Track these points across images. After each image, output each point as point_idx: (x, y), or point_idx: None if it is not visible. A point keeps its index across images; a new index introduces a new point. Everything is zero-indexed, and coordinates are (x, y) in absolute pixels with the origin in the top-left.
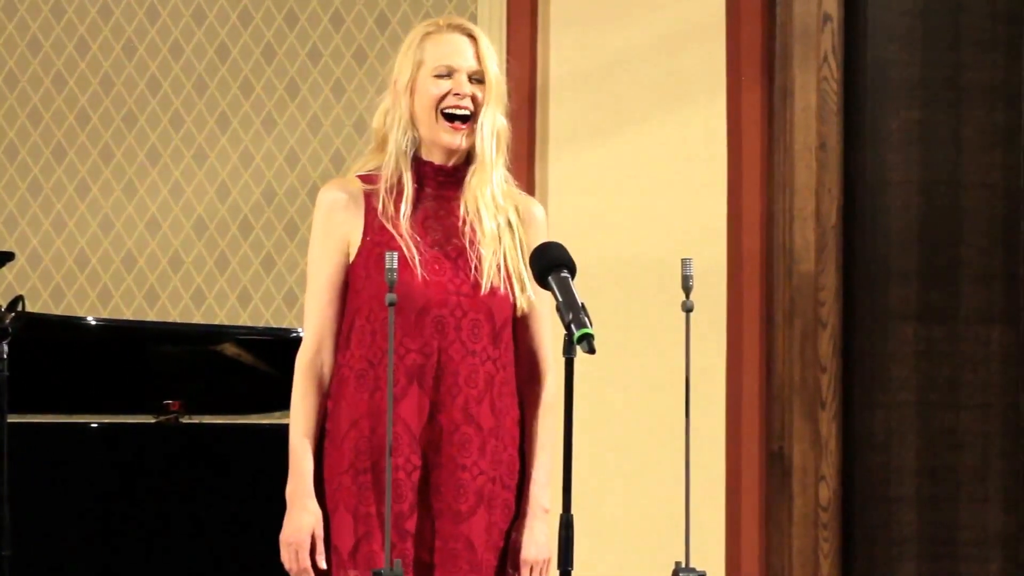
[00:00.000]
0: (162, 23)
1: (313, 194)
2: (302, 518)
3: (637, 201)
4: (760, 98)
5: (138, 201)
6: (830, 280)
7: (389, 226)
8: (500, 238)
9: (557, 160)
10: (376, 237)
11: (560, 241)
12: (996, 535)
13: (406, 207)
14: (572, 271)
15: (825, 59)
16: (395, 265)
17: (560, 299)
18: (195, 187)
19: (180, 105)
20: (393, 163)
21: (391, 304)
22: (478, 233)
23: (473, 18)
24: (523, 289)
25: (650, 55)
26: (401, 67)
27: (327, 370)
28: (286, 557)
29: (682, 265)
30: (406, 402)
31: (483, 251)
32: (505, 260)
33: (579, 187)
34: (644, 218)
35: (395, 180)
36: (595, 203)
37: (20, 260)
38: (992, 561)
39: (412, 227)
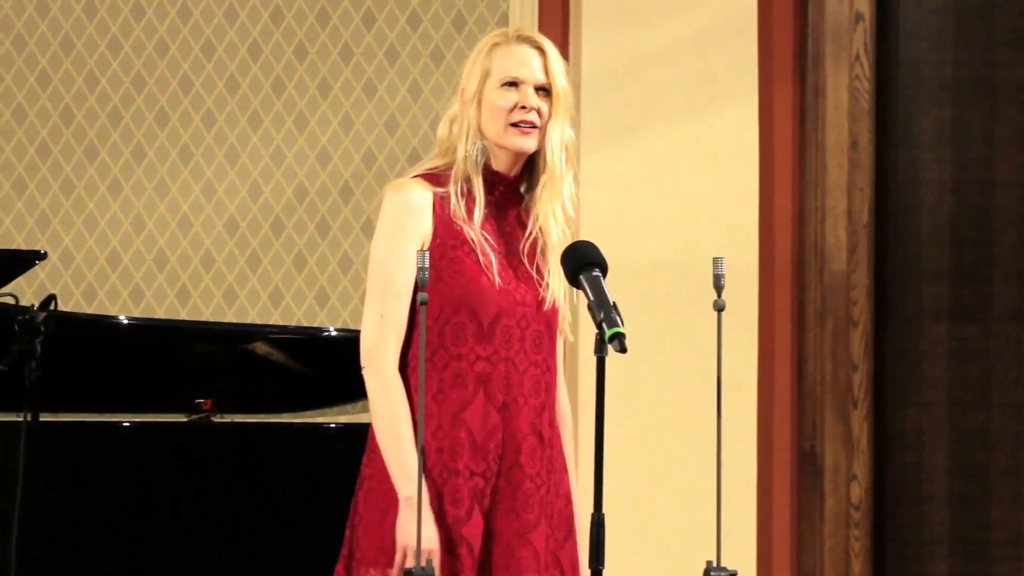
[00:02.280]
0: (194, 22)
1: (345, 193)
2: (431, 527)
3: (668, 200)
4: (792, 97)
5: (170, 200)
6: (862, 279)
7: (464, 230)
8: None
9: (588, 159)
10: (448, 241)
11: (592, 240)
12: None
13: (478, 213)
14: (604, 270)
15: (857, 58)
16: (427, 264)
17: (591, 298)
18: (227, 186)
19: (212, 104)
20: (463, 170)
21: (423, 303)
22: (540, 243)
23: (504, 17)
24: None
25: (681, 54)
26: (469, 77)
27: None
28: (410, 562)
29: (714, 264)
30: (471, 409)
31: (551, 260)
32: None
33: (610, 186)
34: (675, 217)
35: (466, 186)
36: (626, 202)
37: (52, 259)
38: None
39: (482, 233)
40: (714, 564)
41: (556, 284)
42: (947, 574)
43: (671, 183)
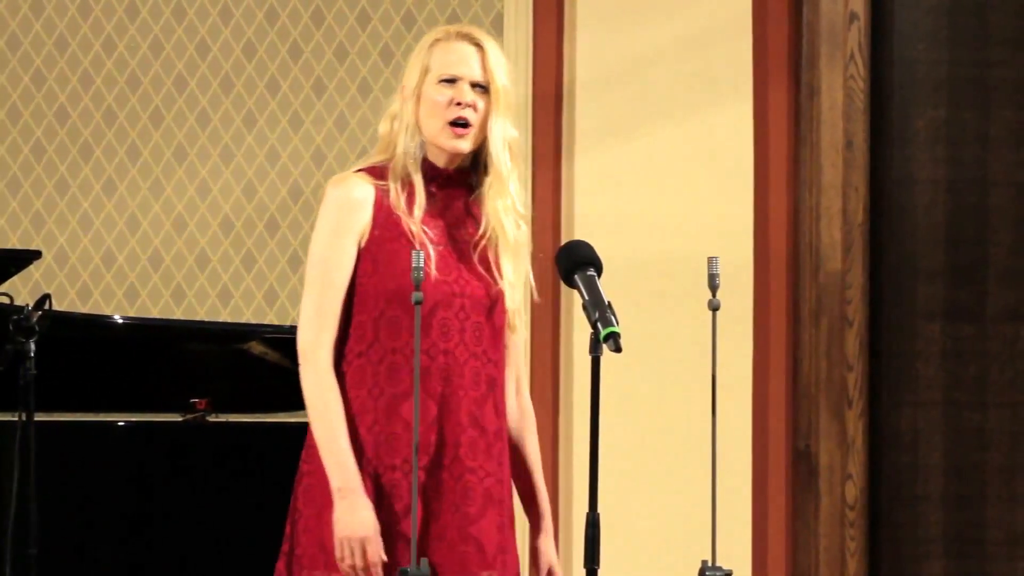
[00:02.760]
0: (189, 22)
1: None
2: (365, 513)
3: (664, 200)
4: (787, 97)
5: (165, 200)
6: (857, 278)
7: (403, 223)
8: (521, 246)
9: (584, 159)
10: (386, 233)
11: (587, 240)
12: (1023, 534)
13: (419, 208)
14: (599, 270)
15: (852, 57)
16: (421, 263)
17: (586, 297)
18: (222, 185)
19: (207, 104)
20: (401, 166)
21: (417, 303)
22: (494, 241)
23: (499, 17)
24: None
25: (677, 54)
26: (409, 74)
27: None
28: (348, 553)
29: (708, 264)
30: (409, 403)
31: (505, 256)
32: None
33: (606, 186)
34: (671, 217)
35: (406, 181)
36: (622, 202)
37: (47, 258)
38: (1020, 560)
39: (421, 227)
40: (709, 564)
41: (513, 280)
42: (942, 574)
43: (666, 183)
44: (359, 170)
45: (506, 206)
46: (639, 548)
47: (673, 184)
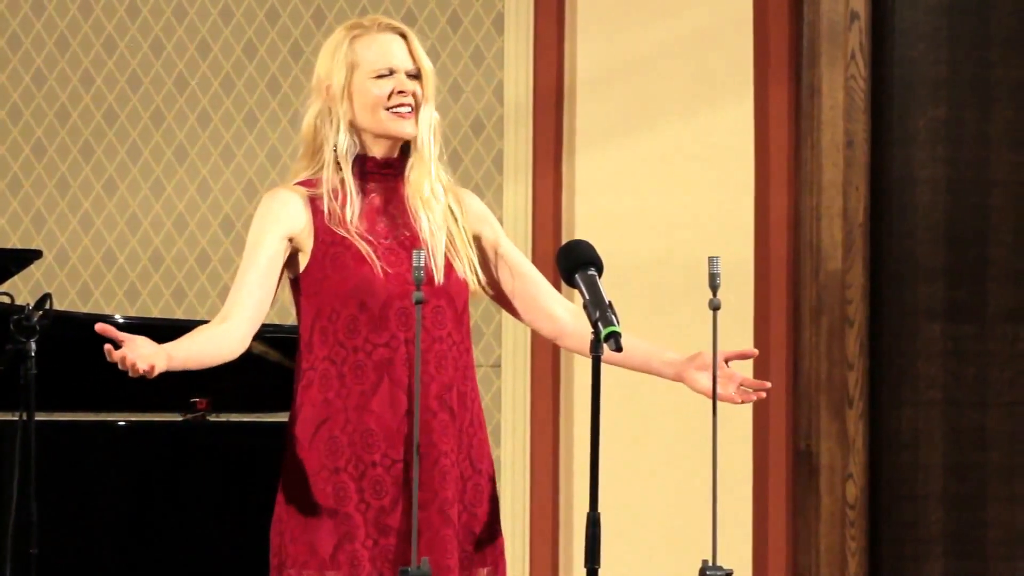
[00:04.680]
0: (189, 21)
1: None
2: (163, 366)
3: (665, 199)
4: (788, 96)
5: (166, 199)
6: (857, 278)
7: (340, 229)
8: (446, 227)
9: (585, 158)
10: (328, 238)
11: (588, 239)
12: (1023, 534)
13: (353, 208)
14: (600, 269)
15: (852, 57)
16: (421, 263)
17: (587, 297)
18: (222, 185)
19: (207, 103)
20: (332, 168)
21: (418, 303)
22: (423, 224)
23: (500, 17)
24: (474, 271)
25: (678, 53)
26: (332, 72)
27: (234, 330)
28: (128, 364)
29: (709, 263)
30: (378, 397)
31: (439, 235)
32: (455, 246)
33: (607, 185)
34: (671, 216)
35: (337, 183)
36: (622, 201)
37: (48, 258)
38: (1020, 559)
39: (362, 224)
40: (710, 563)
41: (442, 261)
42: (942, 573)
43: (667, 182)
44: (296, 183)
45: (423, 193)
46: (640, 548)
47: (674, 183)
